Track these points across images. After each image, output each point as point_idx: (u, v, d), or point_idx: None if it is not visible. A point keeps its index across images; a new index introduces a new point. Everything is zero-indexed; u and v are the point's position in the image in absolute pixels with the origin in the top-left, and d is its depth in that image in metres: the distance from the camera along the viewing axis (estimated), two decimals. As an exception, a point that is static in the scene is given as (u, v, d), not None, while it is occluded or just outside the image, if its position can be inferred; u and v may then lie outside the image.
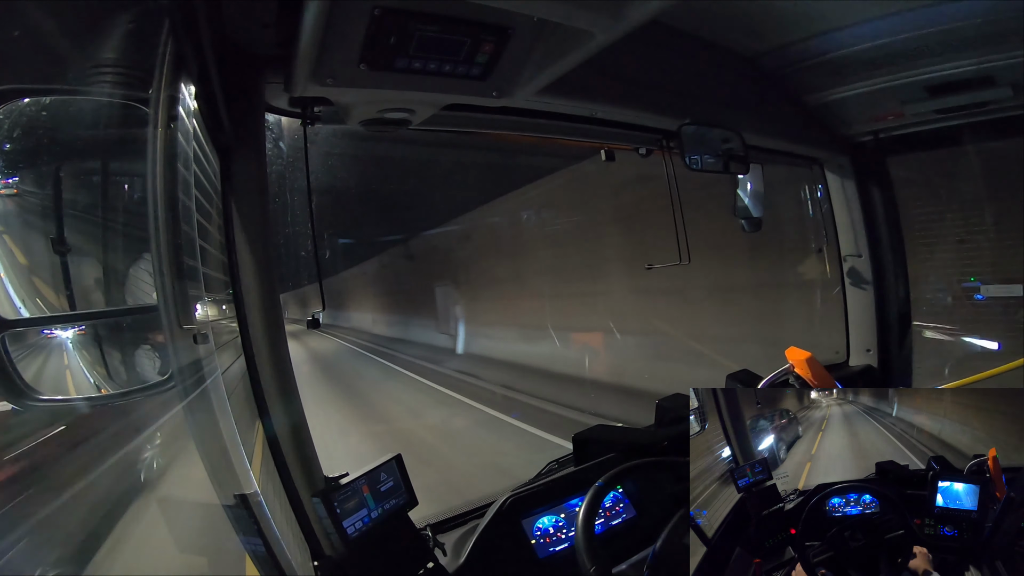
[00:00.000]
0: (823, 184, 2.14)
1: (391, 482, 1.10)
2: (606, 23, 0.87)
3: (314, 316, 1.18)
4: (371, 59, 0.89)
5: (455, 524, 1.31)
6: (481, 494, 1.41)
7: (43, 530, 1.70)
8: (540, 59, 0.99)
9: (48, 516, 1.79)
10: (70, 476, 2.06)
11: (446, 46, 0.91)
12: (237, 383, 1.07)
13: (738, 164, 1.59)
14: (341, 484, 1.03)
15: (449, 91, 1.02)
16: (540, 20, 0.90)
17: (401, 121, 1.12)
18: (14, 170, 0.98)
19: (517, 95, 1.07)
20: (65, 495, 1.95)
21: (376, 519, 1.05)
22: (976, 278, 2.45)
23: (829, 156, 2.08)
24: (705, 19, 1.51)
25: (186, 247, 0.78)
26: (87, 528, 1.97)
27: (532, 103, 1.27)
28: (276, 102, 1.09)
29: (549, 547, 1.21)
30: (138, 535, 2.02)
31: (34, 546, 1.64)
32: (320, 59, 0.86)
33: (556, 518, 1.26)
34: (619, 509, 1.31)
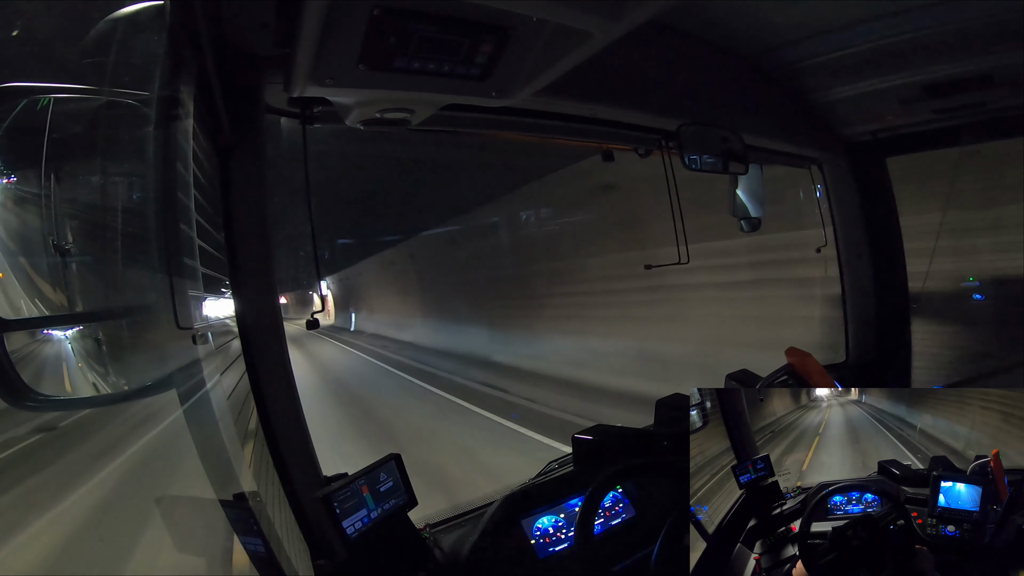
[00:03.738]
0: (823, 184, 2.14)
1: (391, 482, 1.10)
2: (606, 23, 0.87)
3: (313, 316, 1.17)
4: (370, 59, 0.89)
5: (455, 524, 1.31)
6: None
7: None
8: (540, 59, 0.99)
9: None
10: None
11: (445, 46, 0.91)
12: (237, 383, 1.07)
13: (737, 164, 1.59)
14: (341, 484, 1.03)
15: (448, 91, 1.02)
16: (540, 20, 0.90)
17: (400, 121, 1.12)
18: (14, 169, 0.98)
19: (517, 95, 1.07)
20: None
21: (376, 519, 1.04)
22: (975, 278, 2.45)
23: (829, 156, 2.08)
24: (705, 19, 1.51)
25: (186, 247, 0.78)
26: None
27: (532, 103, 1.27)
28: (275, 102, 1.09)
29: (549, 547, 1.21)
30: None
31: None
32: (319, 59, 0.86)
33: (556, 518, 1.25)
34: (619, 509, 1.31)
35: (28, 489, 3.82)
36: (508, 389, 7.58)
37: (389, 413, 7.19)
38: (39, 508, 3.43)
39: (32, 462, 4.34)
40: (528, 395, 7.07)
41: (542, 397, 6.81)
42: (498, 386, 7.82)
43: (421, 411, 7.23)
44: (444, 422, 6.40)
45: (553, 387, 7.08)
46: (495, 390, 7.67)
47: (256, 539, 0.83)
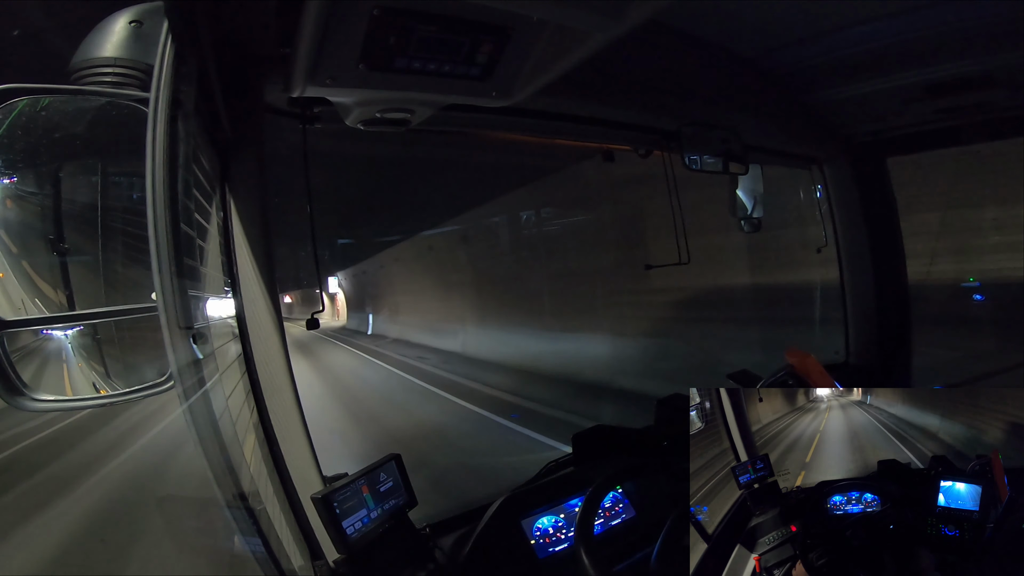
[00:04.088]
0: (823, 184, 2.14)
1: (391, 482, 1.10)
2: (606, 23, 0.87)
3: (313, 316, 1.17)
4: (370, 59, 0.89)
5: (455, 524, 1.31)
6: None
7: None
8: (540, 59, 0.99)
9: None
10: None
11: (446, 46, 0.91)
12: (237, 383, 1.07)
13: (737, 164, 1.59)
14: (341, 484, 1.03)
15: (449, 91, 1.03)
16: (540, 20, 0.90)
17: (401, 121, 1.12)
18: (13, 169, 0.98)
19: (517, 95, 1.07)
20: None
21: (375, 519, 1.05)
22: (975, 278, 2.45)
23: (829, 156, 2.08)
24: (705, 19, 1.51)
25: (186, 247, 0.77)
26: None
27: (532, 103, 1.27)
28: (275, 102, 1.09)
29: (549, 547, 1.21)
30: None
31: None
32: (319, 59, 0.86)
33: (556, 518, 1.25)
34: (619, 509, 1.31)
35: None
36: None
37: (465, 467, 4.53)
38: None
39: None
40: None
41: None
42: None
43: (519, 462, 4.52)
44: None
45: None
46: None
47: (256, 539, 0.83)
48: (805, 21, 1.53)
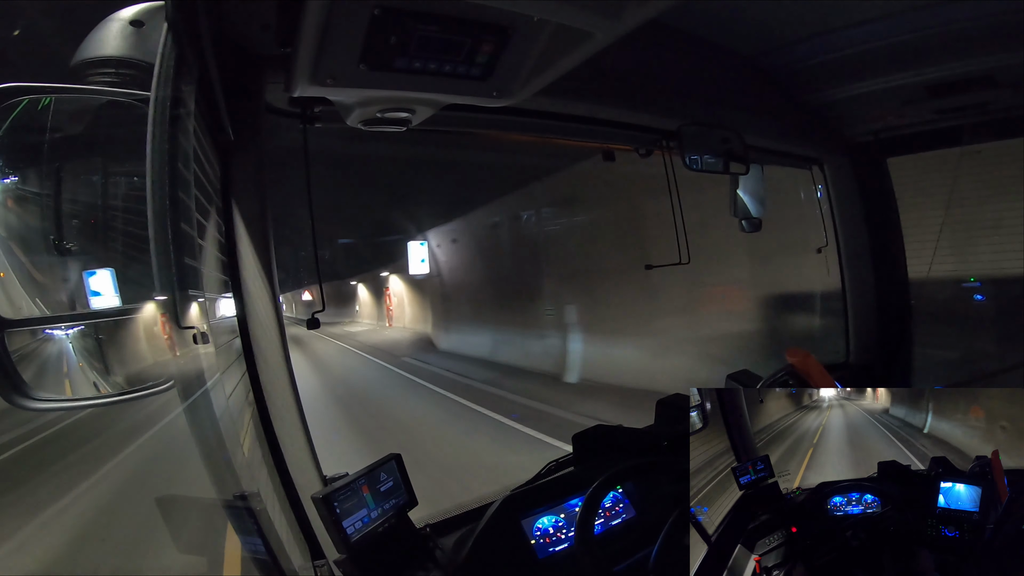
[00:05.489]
0: (824, 184, 2.14)
1: (391, 482, 1.10)
2: (606, 23, 0.87)
3: (313, 316, 1.17)
4: (371, 59, 0.89)
5: (455, 524, 1.31)
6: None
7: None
8: (540, 59, 0.99)
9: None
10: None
11: (446, 46, 0.91)
12: (237, 383, 1.07)
13: (738, 164, 1.59)
14: (341, 484, 1.03)
15: (449, 91, 1.02)
16: (540, 20, 0.90)
17: (401, 121, 1.12)
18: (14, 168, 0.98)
19: (517, 95, 1.07)
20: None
21: (376, 519, 1.04)
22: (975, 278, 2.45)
23: (830, 156, 2.08)
24: (705, 19, 1.51)
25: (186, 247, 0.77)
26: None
27: (532, 103, 1.27)
28: (276, 102, 1.09)
29: (549, 547, 1.21)
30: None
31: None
32: (320, 59, 0.86)
33: (556, 518, 1.25)
34: (619, 509, 1.31)
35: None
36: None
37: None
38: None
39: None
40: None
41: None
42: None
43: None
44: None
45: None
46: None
47: (256, 539, 0.83)
48: (805, 21, 1.53)
